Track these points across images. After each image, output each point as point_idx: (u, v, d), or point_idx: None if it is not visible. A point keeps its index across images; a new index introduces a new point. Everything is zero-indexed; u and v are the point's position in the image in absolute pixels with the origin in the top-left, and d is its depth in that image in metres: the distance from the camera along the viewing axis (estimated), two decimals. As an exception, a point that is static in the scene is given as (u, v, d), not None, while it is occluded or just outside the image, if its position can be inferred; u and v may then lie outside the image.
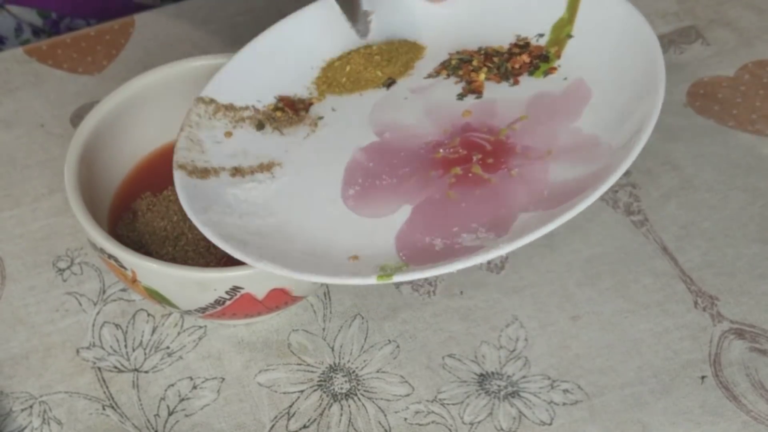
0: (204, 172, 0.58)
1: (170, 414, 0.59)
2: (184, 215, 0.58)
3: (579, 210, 0.51)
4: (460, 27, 0.63)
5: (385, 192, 0.56)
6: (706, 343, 0.61)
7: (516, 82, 0.60)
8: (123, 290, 0.64)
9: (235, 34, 0.78)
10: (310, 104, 0.61)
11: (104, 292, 0.64)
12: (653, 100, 0.54)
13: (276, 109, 0.61)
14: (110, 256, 0.57)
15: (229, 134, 0.60)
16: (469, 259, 0.51)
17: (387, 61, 0.62)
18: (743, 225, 0.67)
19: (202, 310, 0.57)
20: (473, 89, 0.60)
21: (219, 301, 0.57)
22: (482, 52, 0.62)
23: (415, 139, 0.59)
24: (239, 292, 0.56)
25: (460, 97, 0.60)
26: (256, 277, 0.56)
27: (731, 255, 0.65)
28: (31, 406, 0.60)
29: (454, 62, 0.62)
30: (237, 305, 0.57)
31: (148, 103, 0.65)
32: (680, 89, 0.74)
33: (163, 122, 0.65)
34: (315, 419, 0.59)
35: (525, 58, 0.61)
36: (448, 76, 0.61)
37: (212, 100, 0.60)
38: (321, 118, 0.61)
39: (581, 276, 0.64)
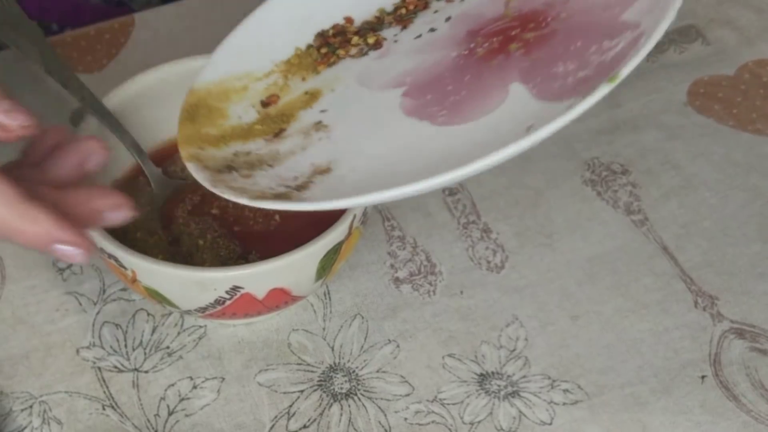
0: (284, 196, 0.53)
1: (170, 414, 0.59)
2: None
3: None
4: None
5: (477, 95, 0.55)
6: (706, 342, 0.61)
7: None
8: (123, 290, 0.64)
9: (235, 34, 0.78)
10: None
11: (104, 291, 0.64)
12: None
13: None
14: (110, 256, 0.57)
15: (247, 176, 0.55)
16: (646, 46, 0.49)
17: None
18: (743, 225, 0.67)
19: (202, 309, 0.57)
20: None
21: (219, 301, 0.57)
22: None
23: (441, 65, 0.57)
24: (239, 291, 0.56)
25: (432, 30, 0.60)
26: (256, 276, 0.56)
27: (731, 255, 0.65)
28: (31, 406, 0.60)
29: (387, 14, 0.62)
30: (237, 305, 0.57)
31: (148, 103, 0.65)
32: (680, 88, 0.74)
33: (162, 121, 0.65)
34: (315, 419, 0.59)
35: None
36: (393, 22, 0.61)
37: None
38: (324, 111, 0.58)
39: (581, 275, 0.64)
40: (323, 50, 0.61)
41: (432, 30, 0.60)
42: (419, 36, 0.60)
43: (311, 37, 0.62)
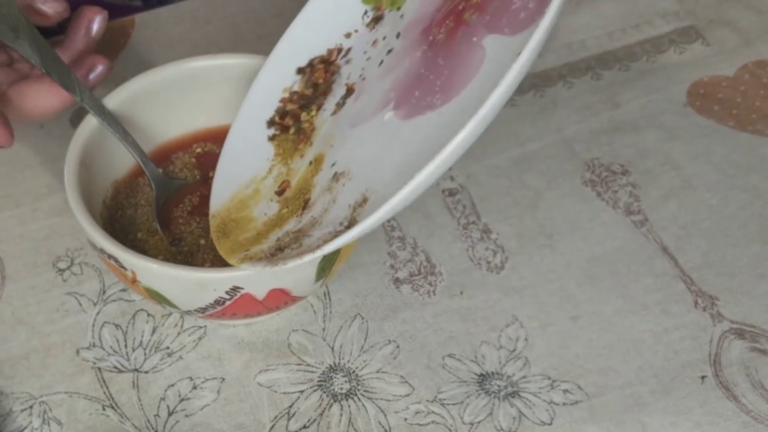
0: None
1: (170, 414, 0.59)
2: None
3: None
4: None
5: (459, 67, 0.56)
6: (706, 343, 0.61)
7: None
8: (123, 290, 0.64)
9: (235, 34, 0.78)
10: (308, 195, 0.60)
11: (104, 292, 0.64)
12: None
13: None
14: (110, 257, 0.57)
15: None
16: None
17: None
18: (743, 225, 0.67)
19: (202, 310, 0.57)
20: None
21: (219, 301, 0.57)
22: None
23: (414, 66, 0.59)
24: (239, 292, 0.56)
25: (390, 51, 0.61)
26: (256, 277, 0.56)
27: (731, 255, 0.65)
28: (31, 407, 0.60)
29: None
30: (237, 305, 0.57)
31: (148, 103, 0.65)
32: (680, 89, 0.74)
33: (162, 122, 0.65)
34: (315, 419, 0.59)
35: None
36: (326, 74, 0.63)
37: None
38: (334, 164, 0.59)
39: (581, 276, 0.64)
40: (292, 131, 0.62)
41: (390, 51, 0.61)
42: (382, 62, 0.61)
43: (270, 130, 0.63)
